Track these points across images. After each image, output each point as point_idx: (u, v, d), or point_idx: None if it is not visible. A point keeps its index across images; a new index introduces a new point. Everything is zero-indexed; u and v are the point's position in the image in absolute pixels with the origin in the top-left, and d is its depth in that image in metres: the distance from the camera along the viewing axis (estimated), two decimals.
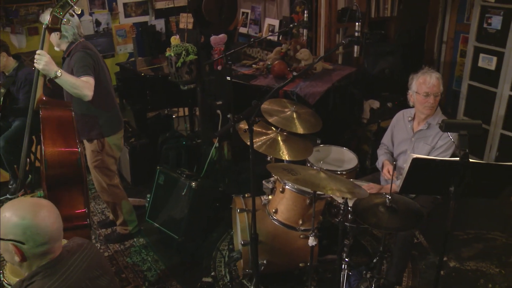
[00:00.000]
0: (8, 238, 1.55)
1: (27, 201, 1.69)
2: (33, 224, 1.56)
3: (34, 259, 1.60)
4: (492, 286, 3.10)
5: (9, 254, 1.60)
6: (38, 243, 1.57)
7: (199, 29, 3.65)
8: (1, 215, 1.58)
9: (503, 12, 4.23)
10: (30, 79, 3.99)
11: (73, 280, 1.60)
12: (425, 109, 2.89)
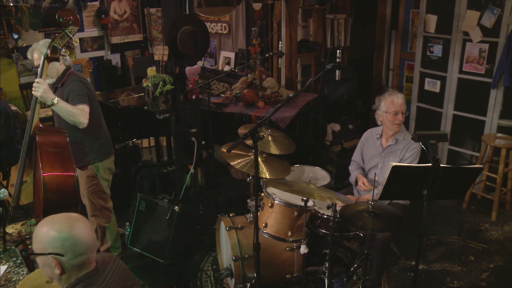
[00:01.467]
0: (48, 251, 1.62)
1: (61, 215, 1.75)
2: (70, 236, 1.64)
3: (73, 271, 1.67)
4: (457, 282, 3.43)
5: (49, 268, 1.66)
6: (77, 254, 1.65)
7: (174, 60, 3.83)
8: (39, 231, 1.66)
9: (443, 41, 4.77)
10: (6, 112, 4.00)
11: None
12: (394, 126, 3.23)
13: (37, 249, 1.65)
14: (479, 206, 4.49)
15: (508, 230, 4.11)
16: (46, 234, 1.64)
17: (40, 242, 1.64)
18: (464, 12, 4.49)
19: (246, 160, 3.27)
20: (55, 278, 1.70)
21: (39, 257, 1.66)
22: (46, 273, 1.70)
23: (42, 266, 1.69)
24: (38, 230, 1.67)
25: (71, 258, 1.64)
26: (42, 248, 1.63)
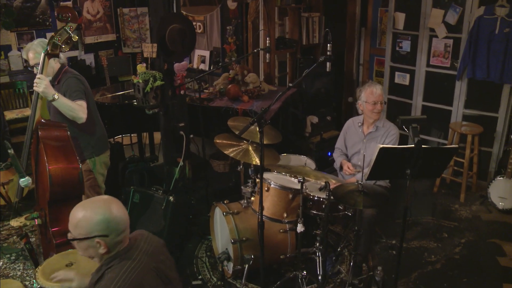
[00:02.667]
0: (93, 235, 1.75)
1: (97, 199, 1.87)
2: (113, 216, 1.78)
3: (113, 248, 1.81)
4: (434, 257, 3.74)
5: (93, 249, 1.78)
6: (119, 232, 1.79)
7: (163, 57, 3.96)
8: (79, 217, 1.77)
9: (411, 37, 5.12)
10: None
11: (144, 263, 1.82)
12: (374, 115, 3.51)
13: (81, 234, 1.77)
14: (448, 189, 4.86)
15: (475, 210, 4.47)
16: (91, 218, 1.75)
17: (83, 227, 1.76)
18: (430, 10, 4.84)
19: (238, 149, 3.46)
20: (97, 257, 1.83)
21: (82, 242, 1.78)
22: (89, 254, 1.82)
23: (84, 249, 1.80)
24: (77, 216, 1.77)
25: (115, 236, 1.78)
26: (86, 232, 1.75)
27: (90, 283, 1.85)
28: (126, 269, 1.75)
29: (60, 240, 2.87)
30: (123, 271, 1.74)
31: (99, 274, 1.81)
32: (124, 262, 1.79)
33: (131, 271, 1.75)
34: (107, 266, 1.80)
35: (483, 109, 4.71)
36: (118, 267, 1.78)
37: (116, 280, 1.70)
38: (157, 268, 1.86)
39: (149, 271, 1.80)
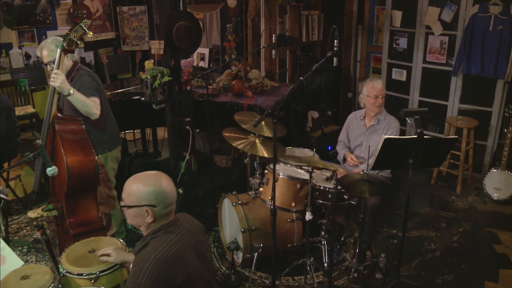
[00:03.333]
0: (143, 204, 1.89)
1: (149, 173, 2.01)
2: (162, 189, 1.92)
3: (159, 220, 1.95)
4: (434, 245, 3.89)
5: (141, 218, 1.93)
6: (166, 205, 1.93)
7: (170, 53, 4.07)
8: (131, 187, 1.92)
9: (407, 34, 5.27)
10: (7, 106, 4.09)
11: (186, 239, 1.95)
12: (375, 108, 3.65)
13: (131, 202, 1.92)
14: (445, 182, 5.02)
15: (471, 201, 4.64)
16: (142, 188, 1.91)
17: (135, 196, 1.91)
18: (426, 8, 5.00)
19: (246, 142, 3.58)
20: (144, 226, 1.97)
21: (132, 209, 1.92)
22: (137, 222, 1.97)
23: (133, 217, 1.95)
24: (131, 187, 1.93)
25: (162, 208, 1.92)
26: (137, 201, 1.91)
27: (134, 251, 1.98)
28: (169, 241, 1.88)
29: (77, 230, 2.97)
30: (166, 242, 1.88)
31: (143, 243, 1.95)
32: (168, 235, 1.93)
33: (174, 244, 1.88)
34: (152, 236, 1.94)
35: (478, 103, 4.88)
36: (162, 238, 1.91)
37: (159, 250, 1.83)
38: (196, 246, 1.99)
39: (189, 247, 1.93)
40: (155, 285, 1.75)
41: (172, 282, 1.79)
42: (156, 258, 1.80)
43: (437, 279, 3.47)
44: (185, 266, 1.86)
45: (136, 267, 1.82)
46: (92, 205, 3.09)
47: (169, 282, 1.79)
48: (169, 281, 1.79)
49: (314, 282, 3.32)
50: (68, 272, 2.40)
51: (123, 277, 2.50)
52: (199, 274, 1.93)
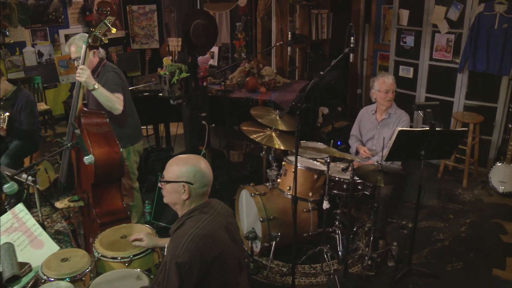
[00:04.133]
0: (181, 180, 2.03)
1: (190, 155, 2.16)
2: (200, 169, 2.06)
3: (194, 198, 2.08)
4: (442, 235, 4.04)
5: (176, 194, 2.06)
6: (202, 185, 2.07)
7: (187, 50, 4.21)
8: (172, 165, 2.07)
9: (414, 32, 5.42)
10: (30, 101, 4.22)
11: (218, 220, 2.08)
12: (386, 102, 3.80)
13: (170, 178, 2.06)
14: (451, 176, 5.17)
15: (477, 193, 4.79)
16: (182, 166, 2.05)
17: (174, 172, 2.05)
18: (433, 7, 5.15)
19: (263, 135, 3.74)
20: (179, 204, 2.10)
21: (170, 184, 2.06)
22: (173, 199, 2.09)
23: (170, 193, 2.09)
24: (171, 165, 2.09)
25: (198, 187, 2.06)
26: (176, 176, 2.05)
27: (170, 231, 2.12)
28: (204, 220, 2.02)
29: (103, 219, 3.11)
30: (202, 221, 2.02)
31: (179, 223, 2.08)
32: (203, 215, 2.07)
33: (208, 223, 2.02)
34: (187, 216, 2.08)
35: (483, 99, 5.03)
36: (198, 217, 2.05)
37: (196, 227, 1.98)
38: (228, 227, 2.13)
39: (221, 227, 2.07)
40: (192, 258, 1.89)
41: (206, 256, 1.93)
42: (194, 234, 1.94)
43: (446, 267, 3.61)
44: (218, 244, 2.00)
45: (174, 242, 1.96)
46: (117, 195, 3.23)
47: (204, 256, 1.93)
48: (204, 255, 1.93)
49: (330, 269, 3.46)
50: (103, 256, 2.54)
51: (154, 261, 2.65)
52: (230, 252, 2.08)
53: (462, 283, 3.42)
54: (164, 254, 2.21)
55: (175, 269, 1.87)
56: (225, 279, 2.05)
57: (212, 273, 1.96)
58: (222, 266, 2.00)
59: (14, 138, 4.18)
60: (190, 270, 1.89)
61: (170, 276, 1.88)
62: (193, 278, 1.90)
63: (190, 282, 1.90)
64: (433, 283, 3.42)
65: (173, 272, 1.87)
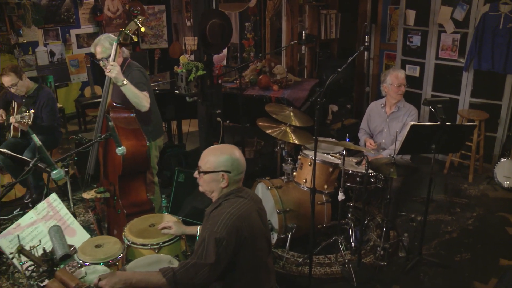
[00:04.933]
0: (220, 169, 2.17)
1: (224, 144, 2.30)
2: (236, 158, 2.20)
3: (231, 185, 2.22)
4: (450, 228, 4.18)
5: (215, 183, 2.19)
6: (239, 172, 2.20)
7: (203, 49, 4.34)
8: (209, 156, 2.19)
9: (421, 32, 5.56)
10: (51, 98, 4.36)
11: (251, 204, 2.22)
12: (398, 96, 3.96)
13: (209, 169, 2.19)
14: (457, 171, 5.32)
15: (483, 188, 4.93)
16: (219, 156, 2.18)
17: (212, 163, 2.18)
18: (439, 7, 5.29)
19: (278, 130, 3.88)
20: (217, 191, 2.23)
21: (208, 174, 2.19)
22: (210, 187, 2.22)
23: (208, 182, 2.21)
24: (208, 156, 2.20)
25: (235, 174, 2.20)
26: (214, 167, 2.18)
27: (207, 212, 2.26)
28: (240, 203, 2.17)
29: (129, 210, 3.25)
30: (238, 203, 2.17)
31: (215, 204, 2.22)
32: (237, 198, 2.21)
33: (243, 205, 2.17)
34: (224, 199, 2.21)
35: (488, 97, 5.17)
36: (234, 200, 2.20)
37: (233, 207, 2.13)
38: (258, 212, 2.28)
39: (254, 211, 2.22)
40: (229, 234, 2.04)
41: (241, 234, 2.08)
42: (231, 213, 2.09)
43: (455, 257, 3.76)
44: (251, 225, 2.15)
45: (213, 220, 2.10)
46: (142, 187, 3.38)
47: (239, 234, 2.08)
48: (239, 233, 2.08)
49: (344, 259, 3.60)
50: (133, 243, 2.68)
51: (181, 248, 2.79)
52: (261, 234, 2.22)
53: (471, 273, 3.56)
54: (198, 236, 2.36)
55: (213, 244, 2.02)
56: (256, 259, 2.19)
57: (244, 252, 2.11)
58: (253, 246, 2.15)
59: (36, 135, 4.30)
60: (227, 245, 2.03)
61: (208, 250, 2.03)
62: (228, 253, 2.05)
63: (226, 257, 2.05)
64: (443, 273, 3.56)
65: (211, 246, 2.02)
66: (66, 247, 1.89)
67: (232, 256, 2.08)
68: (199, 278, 2.05)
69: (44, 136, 4.35)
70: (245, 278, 2.18)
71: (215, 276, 2.09)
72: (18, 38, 6.69)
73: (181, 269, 2.06)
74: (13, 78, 4.13)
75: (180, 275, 2.05)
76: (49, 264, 1.88)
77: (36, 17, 6.69)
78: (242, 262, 2.13)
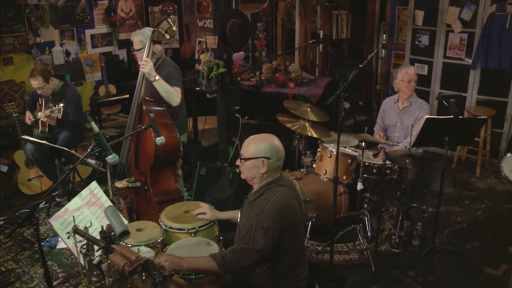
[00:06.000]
0: (260, 156, 2.34)
1: (262, 134, 2.45)
2: (275, 145, 2.37)
3: (271, 172, 2.39)
4: (461, 218, 4.37)
5: (256, 169, 2.36)
6: (278, 159, 2.38)
7: (223, 47, 4.53)
8: (250, 144, 2.37)
9: (429, 32, 5.76)
10: (77, 95, 4.55)
11: (291, 192, 2.40)
12: (409, 91, 4.17)
13: (250, 155, 2.37)
14: (464, 166, 5.52)
15: (490, 182, 5.13)
16: (259, 143, 2.36)
17: (253, 150, 2.36)
18: (447, 8, 5.49)
19: (297, 124, 4.08)
20: (258, 177, 2.40)
21: (250, 161, 2.37)
22: (252, 173, 2.40)
23: (249, 169, 2.39)
24: (249, 144, 2.38)
25: (275, 161, 2.37)
26: (255, 153, 2.35)
27: (248, 200, 2.44)
28: (282, 192, 2.35)
29: (160, 198, 3.45)
30: (280, 192, 2.34)
31: (258, 193, 2.40)
32: (279, 187, 2.39)
33: (285, 194, 2.35)
34: (266, 187, 2.39)
35: (495, 94, 5.37)
36: (276, 189, 2.37)
37: (276, 196, 2.31)
38: (297, 198, 2.47)
39: (294, 198, 2.40)
40: (274, 222, 2.22)
41: (285, 222, 2.27)
42: (276, 202, 2.27)
43: (466, 245, 3.95)
44: (293, 211, 2.33)
45: (258, 209, 2.28)
46: (171, 177, 3.58)
47: (283, 222, 2.26)
48: (283, 221, 2.26)
49: (362, 247, 3.79)
50: (170, 227, 2.87)
51: (214, 233, 2.98)
52: (300, 219, 2.41)
53: (482, 259, 3.75)
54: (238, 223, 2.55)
55: (261, 232, 2.20)
56: (296, 242, 2.39)
57: (287, 237, 2.30)
58: (295, 231, 2.34)
59: (62, 129, 4.49)
60: (273, 233, 2.22)
61: (255, 237, 2.21)
62: (274, 240, 2.24)
63: (271, 243, 2.24)
64: (456, 259, 3.76)
65: (258, 234, 2.21)
66: (124, 224, 2.07)
67: (277, 241, 2.26)
68: (246, 261, 2.23)
69: (70, 131, 4.54)
70: (286, 260, 2.37)
71: (261, 260, 2.27)
72: (36, 38, 6.86)
73: (229, 253, 2.25)
74: (40, 82, 4.33)
75: (228, 258, 2.24)
76: (107, 241, 2.06)
77: (54, 17, 6.86)
78: (285, 245, 2.32)
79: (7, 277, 3.64)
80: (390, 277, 3.55)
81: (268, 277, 2.37)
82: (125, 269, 1.86)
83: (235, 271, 2.26)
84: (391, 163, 3.64)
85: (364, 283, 3.50)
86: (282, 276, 2.38)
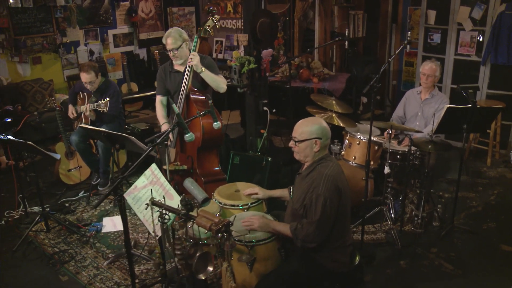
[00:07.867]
0: (313, 137, 2.66)
1: (311, 117, 2.80)
2: (324, 126, 2.70)
3: (321, 150, 2.71)
4: (475, 203, 4.71)
5: (309, 148, 2.68)
6: (327, 138, 2.70)
7: (253, 45, 4.86)
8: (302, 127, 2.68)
9: (441, 30, 6.11)
10: (117, 91, 4.86)
11: (338, 169, 2.72)
12: (424, 84, 4.51)
13: (304, 137, 2.68)
14: (475, 156, 5.86)
15: (501, 171, 5.47)
16: (311, 126, 2.68)
17: (306, 132, 2.67)
18: (458, 7, 5.84)
19: (325, 115, 4.40)
20: (310, 156, 2.72)
21: (304, 142, 2.68)
22: (305, 153, 2.71)
23: (303, 149, 2.70)
24: (302, 127, 2.69)
25: (325, 140, 2.70)
26: (308, 135, 2.67)
27: (302, 175, 2.76)
28: (332, 165, 2.69)
29: (207, 178, 3.83)
30: (330, 165, 2.68)
31: (310, 168, 2.72)
32: (329, 162, 2.72)
33: (335, 167, 2.69)
34: (317, 163, 2.71)
35: (504, 89, 5.72)
36: (326, 164, 2.70)
37: (328, 169, 2.65)
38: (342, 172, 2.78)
39: (341, 171, 2.73)
40: (330, 193, 2.56)
41: (339, 191, 2.60)
42: (329, 174, 2.60)
43: (483, 226, 4.28)
44: (342, 182, 2.67)
45: (315, 182, 2.61)
46: (216, 160, 3.93)
47: (338, 191, 2.60)
48: (338, 191, 2.60)
49: (388, 227, 4.11)
50: (224, 204, 3.19)
51: (263, 209, 3.30)
52: (348, 189, 2.74)
53: (497, 238, 4.09)
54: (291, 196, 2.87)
55: (321, 203, 2.54)
56: (346, 210, 2.72)
57: (340, 205, 2.62)
58: (345, 199, 2.67)
59: (102, 123, 4.78)
60: (331, 203, 2.56)
61: (316, 209, 2.56)
62: (334, 209, 2.58)
63: (332, 212, 2.58)
64: (474, 238, 4.09)
65: (319, 206, 2.55)
66: (204, 192, 2.39)
67: (336, 210, 2.59)
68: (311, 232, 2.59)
69: (110, 124, 4.85)
70: (337, 226, 2.69)
71: (326, 229, 2.61)
72: (63, 38, 7.17)
73: (299, 225, 2.64)
74: (93, 76, 4.63)
75: (297, 230, 2.63)
76: (187, 208, 2.38)
77: (80, 18, 7.18)
78: (340, 212, 2.65)
79: (62, 256, 3.95)
80: (415, 253, 3.87)
81: (322, 243, 2.69)
82: (212, 228, 2.18)
83: (304, 239, 2.62)
84: (415, 150, 3.96)
85: (392, 259, 3.83)
86: (333, 241, 2.71)
